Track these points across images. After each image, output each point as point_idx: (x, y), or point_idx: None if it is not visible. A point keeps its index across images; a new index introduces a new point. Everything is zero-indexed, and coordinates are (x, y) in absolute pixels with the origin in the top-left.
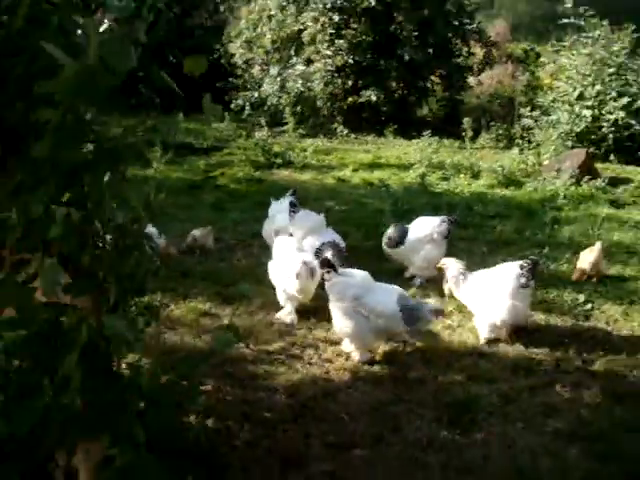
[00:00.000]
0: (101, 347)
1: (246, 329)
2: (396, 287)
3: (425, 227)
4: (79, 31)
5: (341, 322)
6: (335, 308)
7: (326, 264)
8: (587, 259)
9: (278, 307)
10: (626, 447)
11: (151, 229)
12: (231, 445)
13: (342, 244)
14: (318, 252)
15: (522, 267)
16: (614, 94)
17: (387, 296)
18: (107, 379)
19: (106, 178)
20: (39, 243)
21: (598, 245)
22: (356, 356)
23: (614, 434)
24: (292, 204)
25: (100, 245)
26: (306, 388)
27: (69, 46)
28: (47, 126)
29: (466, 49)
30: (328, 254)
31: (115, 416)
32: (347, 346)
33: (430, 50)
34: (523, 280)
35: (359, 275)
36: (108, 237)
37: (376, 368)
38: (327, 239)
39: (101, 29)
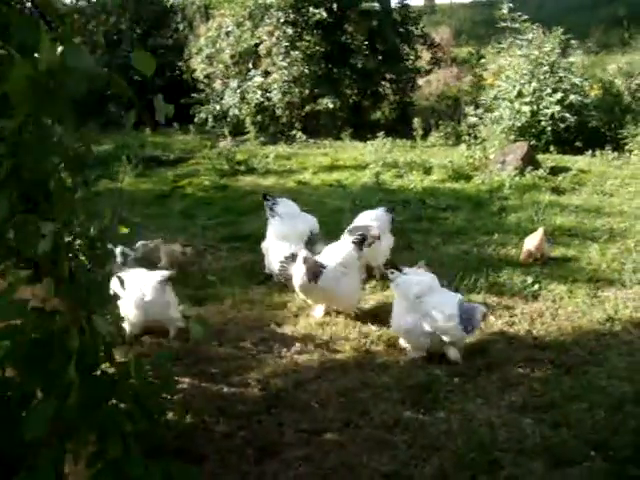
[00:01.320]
0: (90, 348)
1: (218, 328)
2: (458, 294)
3: (374, 220)
4: None
5: (399, 318)
6: (397, 306)
7: (391, 265)
8: (532, 243)
9: (248, 306)
10: (575, 414)
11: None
12: (208, 438)
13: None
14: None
15: (354, 242)
16: (549, 90)
17: (448, 299)
18: (96, 377)
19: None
20: (11, 252)
21: (540, 230)
22: (410, 353)
23: (563, 403)
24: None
25: (72, 256)
26: (277, 380)
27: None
28: (5, 134)
29: (413, 53)
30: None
31: (104, 412)
32: (402, 343)
33: (380, 57)
34: (355, 253)
35: (425, 276)
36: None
37: (342, 357)
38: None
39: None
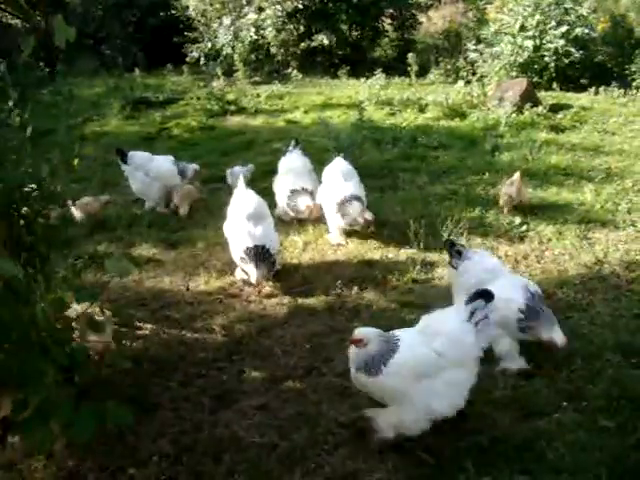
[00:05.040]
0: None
1: (188, 271)
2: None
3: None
4: None
5: None
6: (457, 293)
7: (450, 245)
8: (511, 189)
9: (220, 249)
10: (551, 362)
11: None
12: (164, 386)
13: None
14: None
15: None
16: (553, 23)
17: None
18: (11, 322)
19: None
20: None
21: (517, 174)
22: None
23: (541, 349)
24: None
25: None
26: (242, 325)
27: None
28: None
29: None
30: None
31: (21, 356)
32: None
33: None
34: None
35: (489, 261)
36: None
37: (313, 301)
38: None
39: None
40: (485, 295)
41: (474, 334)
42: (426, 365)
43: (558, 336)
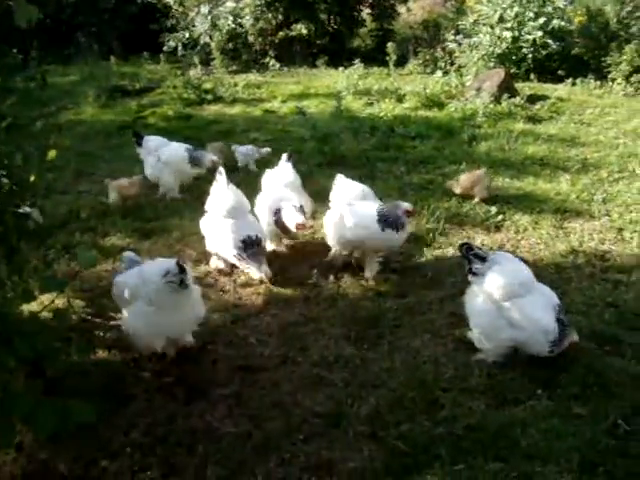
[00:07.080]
0: None
1: None
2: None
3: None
4: None
5: (479, 317)
6: (476, 300)
7: (467, 248)
8: (466, 182)
9: (195, 239)
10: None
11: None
12: (138, 377)
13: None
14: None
15: None
16: (532, 15)
17: (541, 307)
18: None
19: None
20: None
21: (479, 171)
22: (482, 354)
23: None
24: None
25: None
26: (217, 315)
27: None
28: None
29: None
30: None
31: None
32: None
33: None
34: None
35: (516, 267)
36: None
37: (289, 290)
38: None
39: None
40: (180, 267)
41: (160, 289)
42: (125, 290)
43: (574, 336)
